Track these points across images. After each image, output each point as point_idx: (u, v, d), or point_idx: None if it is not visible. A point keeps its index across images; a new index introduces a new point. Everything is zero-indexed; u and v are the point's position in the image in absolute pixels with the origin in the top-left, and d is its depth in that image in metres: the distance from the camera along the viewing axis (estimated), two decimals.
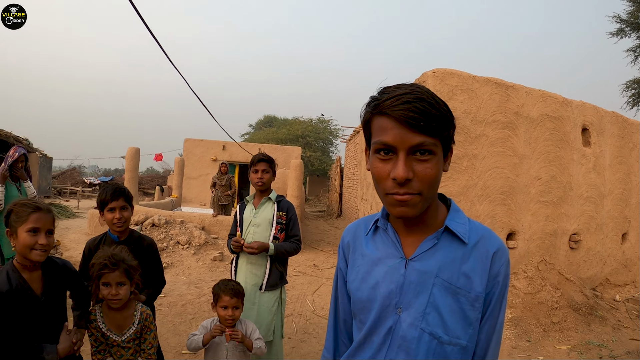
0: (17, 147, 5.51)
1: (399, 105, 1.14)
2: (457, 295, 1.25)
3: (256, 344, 3.20)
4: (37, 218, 2.26)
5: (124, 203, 3.12)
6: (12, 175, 5.48)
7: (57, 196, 26.84)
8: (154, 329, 2.80)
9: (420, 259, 1.29)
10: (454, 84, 6.34)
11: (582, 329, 5.95)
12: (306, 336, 5.61)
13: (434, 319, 1.25)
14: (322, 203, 31.86)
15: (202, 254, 9.87)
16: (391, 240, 1.37)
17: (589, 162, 7.71)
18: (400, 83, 1.24)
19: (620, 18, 19.28)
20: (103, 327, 2.59)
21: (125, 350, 2.62)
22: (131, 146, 12.94)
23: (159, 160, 28.54)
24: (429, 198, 1.22)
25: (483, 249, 1.30)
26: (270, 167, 3.88)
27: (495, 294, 1.29)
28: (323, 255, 11.35)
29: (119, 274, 2.55)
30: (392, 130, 1.17)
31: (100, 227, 11.76)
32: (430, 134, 1.16)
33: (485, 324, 1.29)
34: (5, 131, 16.77)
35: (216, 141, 24.83)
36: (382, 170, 1.21)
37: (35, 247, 2.24)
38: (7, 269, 2.30)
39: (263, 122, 48.46)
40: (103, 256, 2.58)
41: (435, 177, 1.19)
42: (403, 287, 1.29)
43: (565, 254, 7.47)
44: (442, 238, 1.31)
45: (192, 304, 6.60)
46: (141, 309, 2.76)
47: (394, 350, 1.29)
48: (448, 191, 6.27)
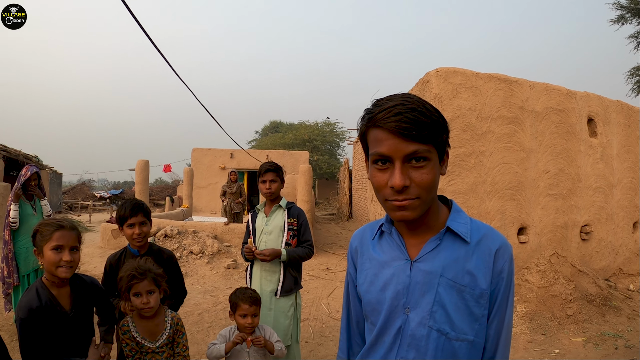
0: (29, 166, 5.61)
1: (391, 117, 1.19)
2: (462, 292, 1.30)
3: (277, 346, 3.26)
4: (60, 236, 2.32)
5: (143, 218, 3.19)
6: (27, 193, 5.57)
7: (68, 211, 27.03)
8: (185, 332, 2.90)
9: (425, 260, 1.34)
10: (458, 82, 6.37)
11: (597, 320, 5.96)
12: (323, 339, 5.66)
13: (441, 316, 1.30)
14: (332, 206, 31.88)
15: (216, 262, 9.94)
16: (396, 244, 1.42)
17: (596, 152, 7.72)
18: (392, 94, 1.29)
19: (621, 5, 19.23)
20: (137, 336, 2.67)
21: (160, 354, 2.72)
22: (140, 159, 13.05)
23: (168, 171, 28.74)
24: (427, 201, 1.27)
25: (485, 247, 1.34)
26: (277, 176, 3.94)
27: (501, 290, 1.33)
28: (336, 259, 11.39)
29: (148, 283, 2.65)
30: (386, 141, 1.22)
31: (114, 239, 11.89)
32: (423, 142, 1.21)
33: (493, 320, 1.33)
34: (15, 149, 16.87)
35: (224, 149, 24.91)
36: (381, 179, 1.26)
37: (60, 264, 2.30)
38: (36, 286, 2.37)
39: (269, 128, 48.52)
40: (130, 268, 2.67)
41: (432, 181, 1.24)
42: (410, 287, 1.34)
43: (577, 245, 7.47)
44: (444, 238, 1.35)
45: (209, 313, 6.65)
46: (171, 315, 2.86)
47: (404, 349, 1.34)
48: (457, 189, 6.30)
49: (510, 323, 1.37)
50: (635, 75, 20.08)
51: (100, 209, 28.32)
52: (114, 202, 32.02)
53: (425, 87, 6.64)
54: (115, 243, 11.93)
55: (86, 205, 28.69)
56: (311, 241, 4.00)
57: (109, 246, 11.91)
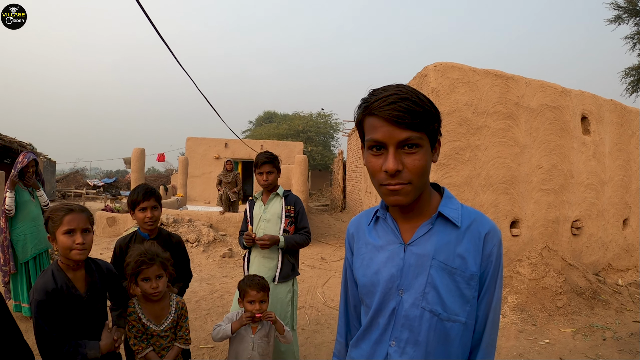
0: (26, 152, 5.54)
1: (386, 105, 1.28)
2: (453, 275, 1.37)
3: (287, 327, 3.33)
4: (70, 219, 2.33)
5: (154, 203, 3.29)
6: (24, 180, 5.52)
7: (61, 199, 26.86)
8: (188, 317, 2.96)
9: (418, 244, 1.41)
10: (455, 77, 6.46)
11: (586, 312, 6.08)
12: (319, 327, 5.75)
13: (433, 297, 1.37)
14: (325, 197, 31.88)
15: (212, 251, 10.02)
16: (390, 228, 1.50)
17: (589, 149, 7.84)
18: (388, 85, 1.38)
19: (618, 5, 19.35)
20: (143, 318, 2.73)
21: (164, 339, 2.78)
22: (136, 147, 13.05)
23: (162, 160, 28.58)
24: (419, 186, 1.35)
25: (475, 231, 1.41)
26: (274, 167, 4.01)
27: (490, 272, 1.41)
28: (330, 249, 11.51)
29: (157, 267, 2.71)
30: (381, 128, 1.30)
31: (109, 228, 11.92)
32: (416, 129, 1.29)
33: (482, 301, 1.41)
34: (10, 137, 16.87)
35: (218, 139, 24.85)
36: (375, 164, 1.35)
37: (74, 247, 2.31)
38: (52, 269, 2.39)
39: (263, 118, 48.30)
40: (138, 253, 2.72)
41: (423, 167, 1.32)
42: (403, 270, 1.41)
43: (567, 240, 7.61)
44: (436, 223, 1.43)
45: (206, 300, 6.75)
46: (176, 299, 2.94)
47: (398, 329, 1.42)
48: (452, 182, 6.40)
49: (498, 305, 1.45)
50: (629, 76, 20.25)
51: (93, 198, 28.21)
52: (107, 190, 31.87)
53: (423, 81, 6.72)
54: (111, 231, 11.97)
55: (80, 194, 28.55)
56: (308, 228, 4.08)
57: (103, 234, 11.95)
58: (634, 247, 8.88)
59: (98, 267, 2.60)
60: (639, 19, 19.24)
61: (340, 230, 14.76)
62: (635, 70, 19.94)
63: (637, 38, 19.45)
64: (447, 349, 1.39)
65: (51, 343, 2.26)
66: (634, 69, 19.96)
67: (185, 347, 2.91)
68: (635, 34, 19.45)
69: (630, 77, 20.21)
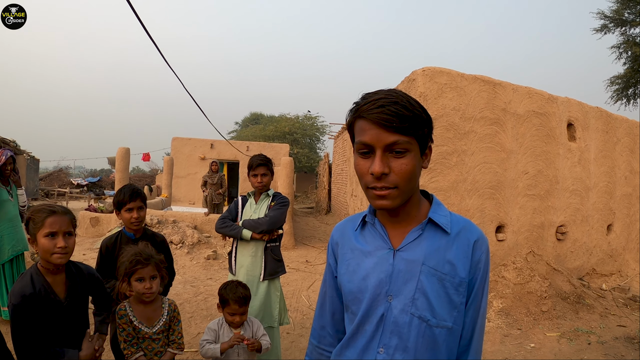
0: (3, 149, 5.40)
1: (375, 109, 1.28)
2: (442, 281, 1.36)
3: (264, 344, 3.27)
4: (52, 222, 2.28)
5: (140, 203, 3.35)
6: (2, 178, 5.37)
7: (44, 198, 26.61)
8: (180, 320, 2.94)
9: (407, 249, 1.40)
10: (444, 82, 6.48)
11: (570, 316, 6.12)
12: (304, 331, 5.72)
13: (422, 303, 1.36)
14: (310, 200, 31.86)
15: (196, 252, 9.96)
16: (379, 234, 1.48)
17: (574, 156, 7.90)
18: (379, 89, 1.38)
19: (604, 14, 19.56)
20: (135, 320, 2.70)
21: (156, 342, 2.75)
22: (121, 146, 12.93)
23: (147, 160, 28.48)
24: (406, 191, 1.35)
25: (464, 238, 1.42)
26: (268, 170, 4.07)
27: (478, 279, 1.41)
28: (315, 252, 11.48)
29: (151, 268, 2.70)
30: (369, 131, 1.31)
31: (92, 228, 11.80)
32: (404, 133, 1.29)
33: (470, 307, 1.41)
34: None
35: (204, 139, 24.71)
36: (363, 166, 1.35)
37: (55, 250, 2.26)
38: (31, 272, 2.33)
39: (249, 120, 48.26)
40: (133, 253, 2.71)
41: (411, 171, 1.32)
42: (392, 275, 1.40)
43: (552, 245, 7.66)
44: (426, 229, 1.42)
45: (190, 303, 6.69)
46: (168, 301, 2.91)
47: (387, 336, 1.40)
48: (439, 186, 6.41)
49: (485, 312, 1.46)
50: (614, 84, 20.51)
51: (77, 197, 28.00)
52: (91, 189, 31.60)
53: (411, 85, 6.73)
54: (94, 231, 11.85)
55: (63, 193, 28.25)
56: (270, 214, 3.99)
57: (87, 234, 11.82)
58: (618, 252, 8.97)
59: (79, 270, 2.55)
60: (625, 28, 19.48)
61: (325, 233, 14.76)
62: (620, 79, 20.19)
63: (622, 47, 19.67)
64: (435, 355, 1.38)
65: (28, 349, 2.21)
66: (619, 77, 20.21)
67: (179, 352, 2.88)
68: (621, 44, 19.67)
69: (616, 86, 20.47)
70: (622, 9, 19.06)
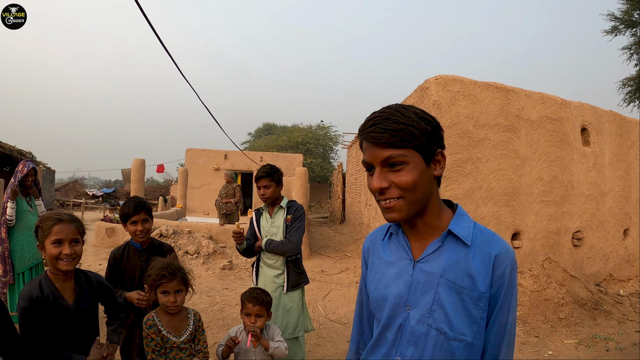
0: (25, 161, 5.51)
1: (367, 128, 1.36)
2: (460, 294, 1.36)
3: (273, 344, 3.29)
4: (59, 229, 2.33)
5: (145, 216, 3.40)
6: (23, 189, 5.50)
7: (60, 208, 26.84)
8: (205, 329, 2.99)
9: (427, 261, 1.42)
10: (456, 90, 6.49)
11: (588, 323, 6.08)
12: (320, 340, 5.73)
13: (440, 315, 1.36)
14: (324, 209, 31.78)
15: (212, 263, 9.99)
16: (401, 244, 1.51)
17: (589, 161, 7.87)
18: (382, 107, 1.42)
19: (615, 16, 19.48)
20: (163, 330, 2.75)
21: (183, 352, 2.79)
22: (136, 158, 13.04)
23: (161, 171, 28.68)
24: (414, 201, 1.36)
25: (486, 252, 1.39)
26: (271, 181, 4.03)
27: (502, 293, 1.37)
28: (330, 261, 11.47)
29: (177, 283, 2.76)
30: (367, 150, 1.38)
31: (108, 238, 11.89)
32: (397, 147, 1.33)
33: (494, 323, 1.38)
34: (9, 145, 16.85)
35: (218, 150, 24.80)
36: (370, 183, 1.41)
37: (61, 257, 2.32)
38: (40, 278, 2.40)
39: (262, 130, 48.40)
40: (160, 267, 2.77)
41: (412, 182, 1.33)
42: (411, 286, 1.42)
43: (569, 251, 7.62)
44: (446, 241, 1.42)
45: (206, 313, 6.71)
46: (193, 312, 2.96)
47: (403, 345, 1.42)
48: (454, 194, 6.41)
49: (513, 328, 1.43)
50: (627, 86, 20.38)
51: (92, 207, 28.19)
52: (106, 200, 31.87)
53: (424, 94, 6.75)
54: (110, 242, 11.93)
55: (78, 203, 28.50)
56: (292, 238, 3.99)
57: (103, 244, 11.90)
58: (635, 257, 8.90)
59: (88, 278, 2.60)
60: (635, 29, 19.38)
61: (340, 243, 14.70)
62: (632, 81, 20.09)
63: (634, 49, 19.58)
64: None
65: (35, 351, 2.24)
66: (631, 79, 20.11)
67: None
68: (632, 45, 19.58)
69: (628, 88, 20.36)
70: (631, 10, 18.99)
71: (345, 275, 9.81)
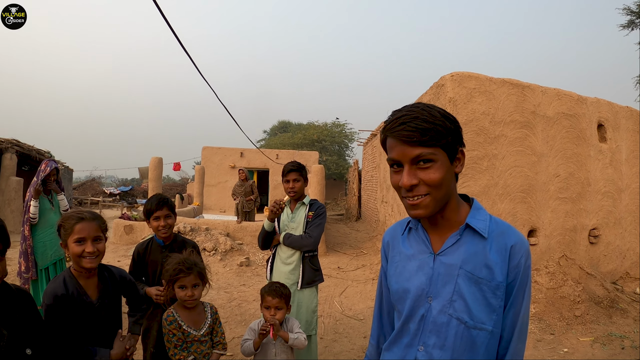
0: (48, 161, 5.64)
1: (397, 127, 1.40)
2: (479, 284, 1.43)
3: (293, 335, 3.33)
4: (81, 228, 2.38)
5: (167, 212, 3.48)
6: (45, 188, 5.63)
7: (78, 207, 27.14)
8: (221, 322, 3.07)
9: (446, 254, 1.49)
10: (472, 87, 6.50)
11: (604, 321, 6.08)
12: (337, 336, 5.79)
13: (460, 305, 1.43)
14: (339, 206, 31.79)
15: (229, 259, 10.08)
16: (421, 238, 1.58)
17: (605, 157, 7.83)
18: (404, 105, 1.48)
19: (631, 10, 19.27)
20: (183, 325, 2.82)
21: (204, 344, 2.87)
22: (154, 156, 13.17)
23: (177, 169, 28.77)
24: (439, 198, 1.43)
25: (502, 243, 1.46)
26: (300, 175, 4.08)
27: (517, 282, 1.44)
28: (346, 258, 11.52)
29: (194, 277, 2.82)
30: (396, 148, 1.42)
31: (126, 235, 12.01)
32: (427, 145, 1.38)
33: (509, 311, 1.46)
34: (28, 145, 17.03)
35: (234, 148, 24.93)
36: (395, 180, 1.46)
37: (84, 255, 2.37)
38: (64, 275, 2.45)
39: (278, 128, 48.44)
40: (177, 262, 2.84)
41: (439, 179, 1.40)
42: (432, 278, 1.49)
43: (585, 249, 7.59)
44: (464, 234, 1.50)
45: (224, 309, 6.79)
46: (209, 305, 3.04)
47: (426, 335, 1.49)
48: (470, 191, 6.42)
49: (526, 315, 1.50)
50: None
51: (110, 205, 28.54)
52: (123, 198, 32.15)
53: (440, 91, 6.77)
54: (128, 239, 12.06)
55: (96, 201, 28.88)
56: (312, 233, 4.03)
57: (121, 242, 12.03)
58: None
59: (111, 274, 2.65)
60: None
61: (356, 240, 14.74)
62: None
63: None
64: (473, 355, 1.44)
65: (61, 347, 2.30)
66: None
67: (224, 352, 2.99)
68: None
69: None
70: None
71: (361, 272, 9.86)
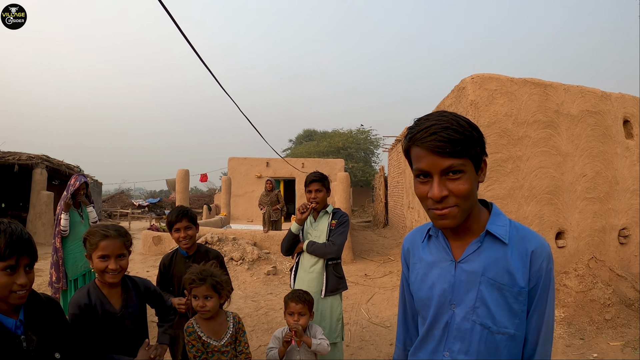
0: (77, 175, 5.82)
1: (428, 136, 1.36)
2: (501, 290, 1.43)
3: (316, 341, 3.34)
4: (105, 245, 2.45)
5: (187, 223, 3.56)
6: (74, 202, 5.80)
7: (107, 219, 27.57)
8: (245, 331, 3.06)
9: (468, 261, 1.49)
10: (493, 88, 6.44)
11: (635, 324, 5.94)
12: (363, 343, 5.76)
13: (483, 311, 1.44)
14: (367, 213, 31.80)
15: (256, 268, 10.13)
16: (442, 246, 1.57)
17: (632, 154, 7.68)
18: (430, 113, 1.45)
19: None
20: (203, 335, 2.83)
21: (225, 355, 2.86)
22: (181, 168, 13.35)
23: (204, 180, 29.09)
24: (466, 209, 1.42)
25: (523, 248, 1.46)
26: (323, 186, 4.11)
27: (540, 287, 1.45)
28: (373, 265, 11.49)
29: (206, 288, 2.82)
30: (425, 158, 1.38)
31: (155, 246, 12.18)
32: (458, 156, 1.36)
33: (533, 315, 1.46)
34: (57, 160, 17.38)
35: (260, 158, 25.13)
36: (422, 191, 1.43)
37: (107, 270, 2.44)
38: (89, 286, 2.52)
39: (303, 137, 48.58)
40: (193, 272, 2.87)
41: (468, 190, 1.38)
42: (454, 286, 1.49)
43: (615, 249, 7.44)
44: (485, 241, 1.49)
45: (251, 317, 6.82)
46: (232, 314, 3.04)
47: (451, 341, 1.50)
48: (495, 194, 6.36)
49: (551, 319, 1.49)
50: None
51: (139, 217, 28.89)
52: (152, 210, 32.57)
53: (461, 94, 6.72)
54: (156, 250, 12.23)
55: (125, 214, 29.34)
56: (336, 241, 4.01)
57: (149, 252, 12.24)
58: None
59: (135, 284, 2.70)
60: None
61: (384, 247, 14.69)
62: None
63: None
64: (497, 358, 1.45)
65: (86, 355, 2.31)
66: None
67: None
68: None
69: None
70: None
71: (388, 278, 9.81)
